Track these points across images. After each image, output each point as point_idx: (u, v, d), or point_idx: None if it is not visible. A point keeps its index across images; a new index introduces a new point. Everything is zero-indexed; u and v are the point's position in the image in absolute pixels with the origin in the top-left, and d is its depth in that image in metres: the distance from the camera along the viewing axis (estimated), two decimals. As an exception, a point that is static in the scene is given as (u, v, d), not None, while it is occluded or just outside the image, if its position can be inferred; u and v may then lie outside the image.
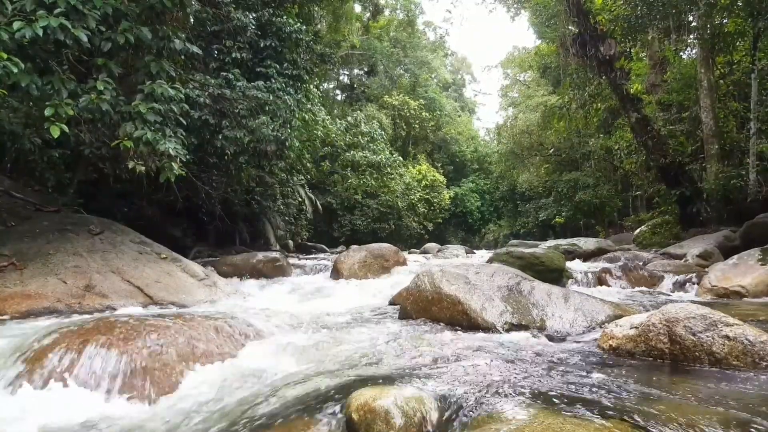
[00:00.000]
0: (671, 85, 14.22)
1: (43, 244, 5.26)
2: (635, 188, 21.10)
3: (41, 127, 4.84)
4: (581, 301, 3.63)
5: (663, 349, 2.56)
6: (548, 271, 6.47)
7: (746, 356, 2.38)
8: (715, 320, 2.53)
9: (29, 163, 7.58)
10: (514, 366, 2.41)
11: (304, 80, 11.47)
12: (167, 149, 5.23)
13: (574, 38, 15.15)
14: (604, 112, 20.29)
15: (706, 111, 11.82)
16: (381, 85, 35.44)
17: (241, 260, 8.30)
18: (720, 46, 11.93)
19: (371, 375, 2.31)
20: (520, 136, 29.06)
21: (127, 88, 5.50)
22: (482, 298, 3.66)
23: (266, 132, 8.77)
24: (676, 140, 13.55)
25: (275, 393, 2.17)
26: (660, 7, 10.47)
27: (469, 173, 40.77)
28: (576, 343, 3.05)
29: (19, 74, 4.10)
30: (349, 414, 1.73)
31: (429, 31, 41.81)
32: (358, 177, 25.54)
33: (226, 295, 5.73)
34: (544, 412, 1.70)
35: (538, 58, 27.97)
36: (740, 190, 10.65)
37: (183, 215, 11.33)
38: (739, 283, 5.28)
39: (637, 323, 2.75)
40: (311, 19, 14.72)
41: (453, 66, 50.59)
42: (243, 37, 9.71)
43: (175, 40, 5.52)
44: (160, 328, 2.78)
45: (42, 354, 2.48)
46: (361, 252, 8.19)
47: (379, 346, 3.03)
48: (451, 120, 41.24)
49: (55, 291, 4.56)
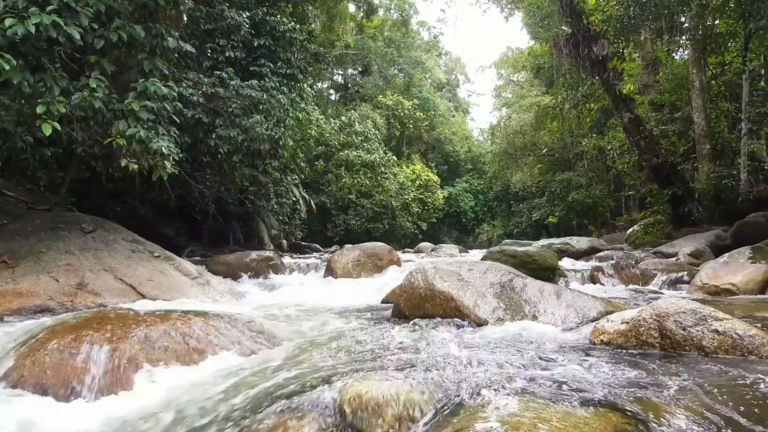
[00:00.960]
0: (663, 85, 14.33)
1: (35, 242, 5.23)
2: (628, 188, 21.23)
3: (33, 125, 4.81)
4: (573, 297, 3.65)
5: (653, 344, 2.59)
6: (541, 270, 6.50)
7: (735, 350, 2.41)
8: (705, 315, 2.55)
9: (21, 162, 7.53)
10: (505, 360, 2.43)
11: (298, 79, 11.45)
12: (160, 147, 5.21)
13: (568, 39, 15.21)
14: (597, 112, 20.38)
15: (698, 111, 11.91)
16: (375, 84, 35.43)
17: (235, 259, 8.27)
18: (712, 47, 12.03)
19: (363, 369, 2.31)
20: (513, 137, 29.11)
21: (119, 86, 5.48)
22: (475, 295, 3.68)
23: (260, 131, 8.75)
24: (668, 140, 13.65)
25: (267, 386, 2.18)
26: (652, 7, 10.55)
27: (463, 173, 40.82)
28: (568, 338, 3.07)
29: (10, 71, 4.08)
30: (341, 406, 1.74)
31: (423, 31, 41.82)
32: (352, 176, 25.53)
33: (219, 294, 5.72)
34: (534, 403, 1.72)
35: (531, 59, 28.06)
36: (731, 189, 10.74)
37: (176, 214, 11.29)
38: (730, 281, 5.33)
39: (628, 318, 2.77)
40: (305, 19, 14.72)
41: (447, 66, 50.65)
42: (237, 36, 9.68)
43: (168, 38, 5.50)
44: (150, 323, 2.78)
45: (35, 349, 2.47)
46: (354, 251, 8.19)
47: (372, 342, 3.04)
48: (445, 120, 41.29)
49: (47, 289, 4.53)
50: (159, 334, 2.71)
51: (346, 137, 25.75)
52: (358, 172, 25.70)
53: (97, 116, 4.95)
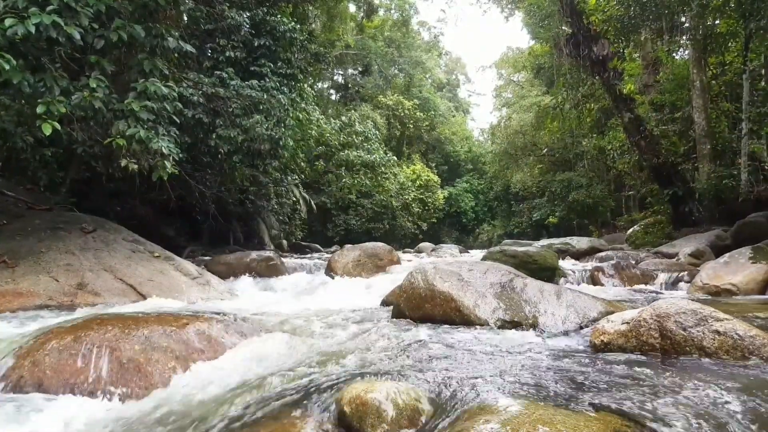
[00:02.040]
0: (664, 85, 14.31)
1: (35, 242, 5.24)
2: (628, 188, 21.20)
3: (33, 125, 4.82)
4: (573, 297, 3.64)
5: (654, 344, 2.58)
6: (541, 270, 6.49)
7: (736, 350, 2.40)
8: (706, 315, 2.55)
9: (21, 162, 7.53)
10: (505, 361, 2.43)
11: (299, 79, 11.46)
12: (160, 147, 5.22)
13: (568, 39, 15.20)
14: (597, 112, 20.37)
15: (699, 111, 11.90)
16: (375, 84, 35.42)
17: (235, 259, 8.27)
18: (712, 47, 12.01)
19: (363, 370, 2.31)
20: (513, 137, 29.11)
21: (120, 86, 5.49)
22: (475, 295, 3.68)
23: (260, 131, 8.75)
24: (668, 140, 13.63)
25: (268, 387, 2.17)
26: (653, 7, 10.53)
27: (463, 173, 40.82)
28: (568, 338, 3.07)
29: (11, 71, 4.09)
30: (342, 407, 1.74)
31: (423, 31, 41.78)
32: (352, 176, 25.49)
33: (219, 294, 5.72)
34: (535, 405, 1.71)
35: (531, 59, 28.03)
36: (732, 189, 10.72)
37: (176, 214, 11.28)
38: (730, 281, 5.33)
39: (628, 319, 2.76)
40: (305, 19, 14.71)
41: (447, 66, 50.64)
42: (237, 36, 9.68)
43: (168, 38, 5.50)
44: (149, 325, 2.77)
45: (34, 349, 2.47)
46: (355, 251, 8.19)
47: (372, 342, 3.03)
48: (446, 120, 41.28)
49: (47, 289, 4.54)
50: (159, 335, 2.71)
51: (346, 137, 25.70)
52: (359, 172, 25.66)
53: (98, 116, 4.96)
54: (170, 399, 2.24)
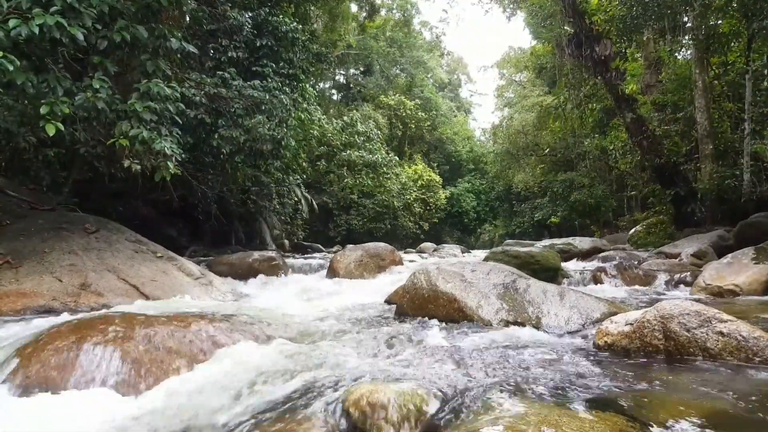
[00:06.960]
0: (666, 85, 14.30)
1: (38, 242, 5.24)
2: (630, 188, 21.17)
3: (36, 125, 4.83)
4: (576, 298, 3.64)
5: (657, 345, 2.58)
6: (544, 270, 6.48)
7: (740, 352, 2.40)
8: (709, 316, 2.54)
9: (24, 162, 7.55)
10: (510, 362, 2.43)
11: (300, 80, 11.47)
12: (163, 148, 5.22)
13: (570, 38, 15.22)
14: (600, 112, 20.37)
15: (701, 111, 11.88)
16: (377, 84, 35.47)
17: (237, 259, 8.27)
18: (715, 47, 11.99)
19: (367, 371, 2.31)
20: (515, 137, 29.09)
21: (122, 86, 5.49)
22: (478, 296, 3.68)
23: (262, 131, 8.76)
24: (670, 140, 13.62)
25: (272, 388, 2.18)
26: (655, 7, 10.52)
27: (465, 173, 40.82)
28: (571, 339, 3.07)
29: (14, 72, 4.09)
30: (347, 408, 1.74)
31: (425, 31, 41.80)
32: (354, 177, 25.52)
33: (222, 294, 5.72)
34: (539, 406, 1.72)
35: (533, 59, 28.07)
36: (734, 190, 10.71)
37: (178, 215, 11.31)
38: (733, 282, 5.31)
39: (632, 320, 2.76)
40: (307, 19, 14.72)
41: (449, 66, 50.66)
42: (239, 36, 9.69)
43: (171, 38, 5.51)
44: (154, 325, 2.78)
45: (39, 349, 2.48)
46: (357, 251, 8.18)
47: (375, 343, 3.03)
48: (447, 120, 41.32)
49: (50, 289, 4.54)
50: (163, 335, 2.71)
51: (348, 137, 25.74)
52: (360, 172, 25.68)
53: (100, 117, 4.96)
54: (176, 399, 2.24)
